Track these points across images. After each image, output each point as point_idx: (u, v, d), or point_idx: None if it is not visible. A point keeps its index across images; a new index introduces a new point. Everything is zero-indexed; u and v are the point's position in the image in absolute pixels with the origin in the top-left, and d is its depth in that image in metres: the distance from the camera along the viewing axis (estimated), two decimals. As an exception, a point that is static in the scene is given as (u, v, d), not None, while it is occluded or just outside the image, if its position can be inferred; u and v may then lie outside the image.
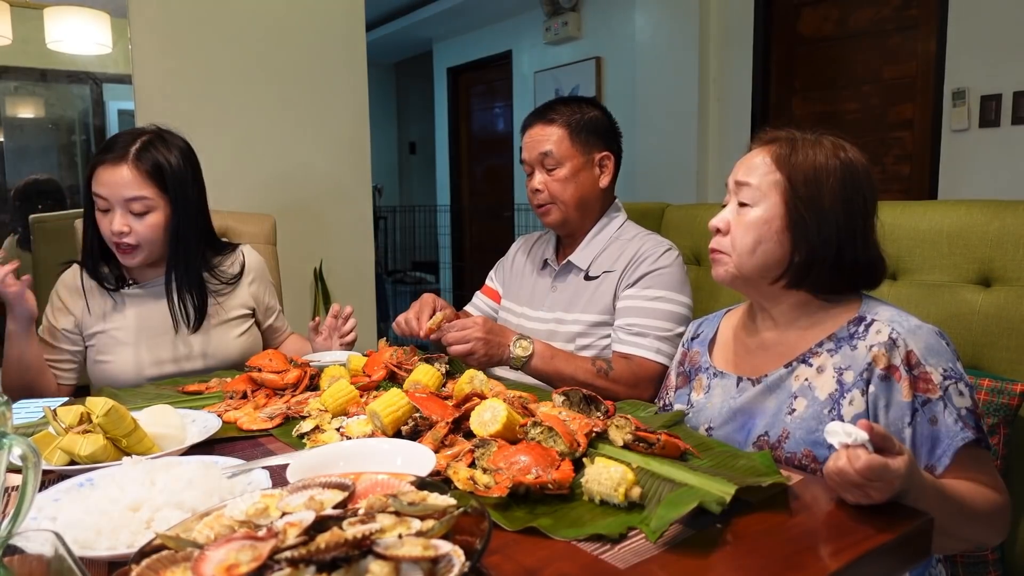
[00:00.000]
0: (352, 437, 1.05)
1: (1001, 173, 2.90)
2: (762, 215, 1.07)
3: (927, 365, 0.99)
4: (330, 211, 2.82)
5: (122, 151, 1.47)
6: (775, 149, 1.09)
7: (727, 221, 1.11)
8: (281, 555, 0.55)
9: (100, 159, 1.48)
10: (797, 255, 1.06)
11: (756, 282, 1.11)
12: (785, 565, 0.69)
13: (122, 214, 1.47)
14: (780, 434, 1.06)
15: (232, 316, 1.66)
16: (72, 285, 1.57)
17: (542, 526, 0.76)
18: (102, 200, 1.48)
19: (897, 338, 1.00)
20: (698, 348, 1.26)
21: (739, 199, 1.10)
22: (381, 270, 6.29)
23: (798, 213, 1.05)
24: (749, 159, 1.11)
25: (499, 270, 1.88)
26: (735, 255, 1.09)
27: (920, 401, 0.98)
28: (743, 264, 1.09)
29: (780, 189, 1.06)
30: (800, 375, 1.07)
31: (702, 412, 1.18)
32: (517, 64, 5.61)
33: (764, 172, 1.08)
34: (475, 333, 1.40)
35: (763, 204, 1.07)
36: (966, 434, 0.96)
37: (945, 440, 0.96)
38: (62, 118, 2.53)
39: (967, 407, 0.98)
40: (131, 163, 1.46)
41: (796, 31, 3.65)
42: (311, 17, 2.74)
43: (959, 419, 0.97)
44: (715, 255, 1.13)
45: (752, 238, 1.08)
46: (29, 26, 2.39)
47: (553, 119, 1.61)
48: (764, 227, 1.07)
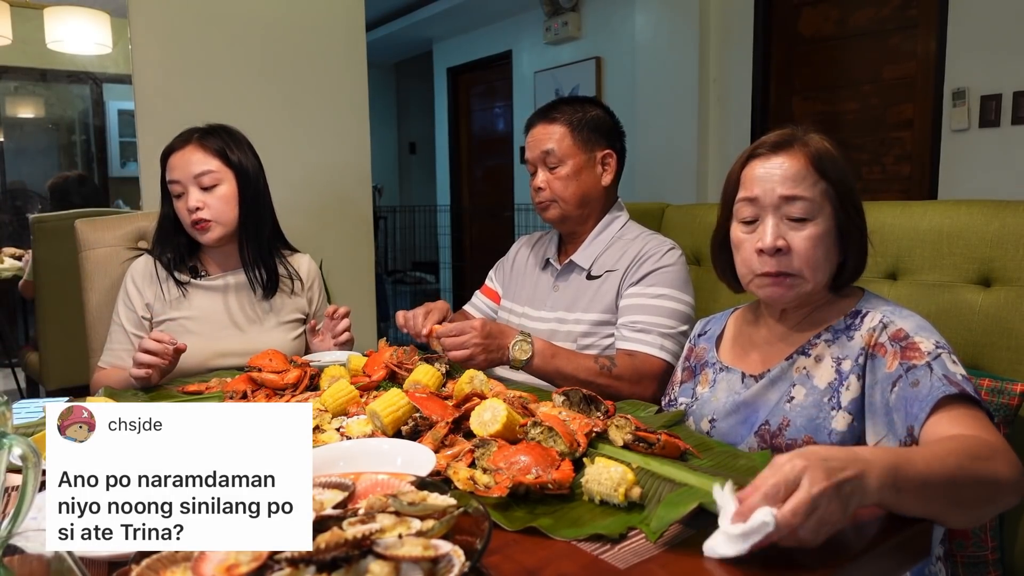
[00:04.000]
0: (352, 437, 1.05)
1: (1001, 173, 2.90)
2: (825, 227, 1.04)
3: (917, 336, 0.99)
4: (330, 211, 2.82)
5: (187, 136, 1.61)
6: (804, 154, 1.04)
7: (785, 240, 1.04)
8: (281, 555, 0.55)
9: (169, 148, 1.60)
10: (849, 259, 1.06)
11: (816, 293, 1.09)
12: (785, 565, 0.69)
13: (194, 191, 1.57)
14: (780, 422, 1.07)
15: (290, 319, 1.72)
16: (145, 271, 1.63)
17: (542, 526, 0.76)
18: (176, 185, 1.58)
19: (887, 321, 1.02)
20: (705, 344, 1.27)
21: (788, 214, 1.03)
22: (381, 270, 6.28)
23: (850, 220, 1.05)
24: (783, 171, 1.04)
25: (499, 270, 1.88)
26: (810, 273, 1.04)
27: (904, 368, 0.96)
28: (819, 281, 1.06)
29: (830, 198, 1.04)
30: (800, 365, 1.09)
31: (706, 405, 1.19)
32: (517, 64, 5.61)
33: (812, 182, 1.03)
34: (473, 339, 1.38)
35: (820, 216, 1.03)
36: (947, 388, 0.90)
37: (924, 398, 0.92)
38: (62, 118, 2.53)
39: (961, 373, 0.94)
40: (195, 143, 1.60)
41: (796, 31, 3.65)
42: (311, 17, 2.74)
43: (944, 379, 0.92)
44: (782, 279, 1.05)
45: (822, 254, 1.04)
46: (29, 26, 2.39)
47: (556, 118, 1.62)
48: (828, 239, 1.04)
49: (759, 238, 1.05)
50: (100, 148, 2.75)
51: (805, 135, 1.08)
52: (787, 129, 1.10)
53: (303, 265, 1.79)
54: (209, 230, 1.59)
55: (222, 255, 1.68)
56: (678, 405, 1.25)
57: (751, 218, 1.07)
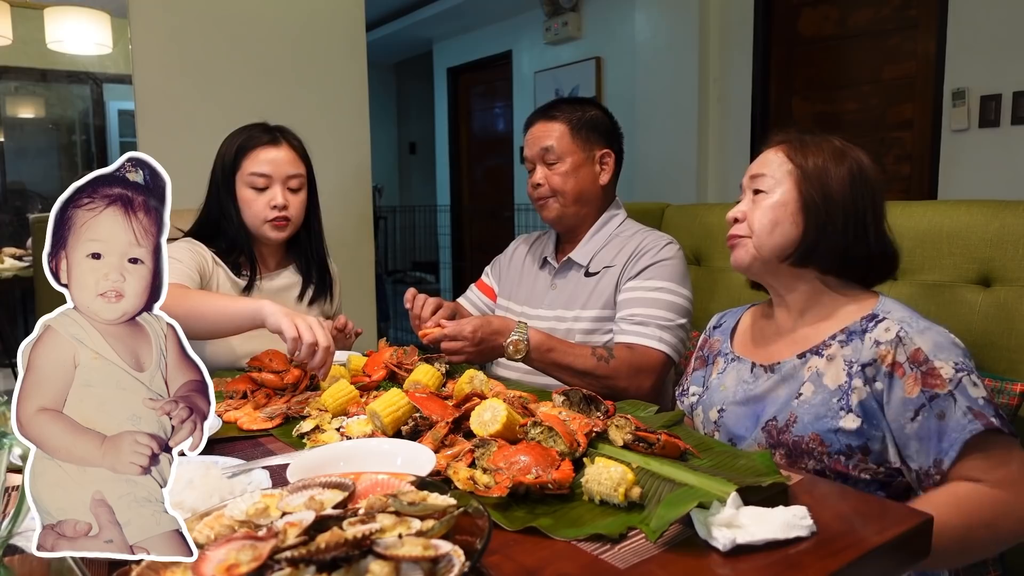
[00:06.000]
0: (352, 437, 1.05)
1: (1001, 173, 2.90)
2: (778, 199, 1.14)
3: (936, 360, 1.00)
4: (330, 211, 2.81)
5: (273, 135, 1.64)
6: (786, 147, 1.17)
7: (744, 211, 1.18)
8: (281, 555, 0.55)
9: (254, 142, 1.61)
10: (809, 234, 1.11)
11: (774, 265, 1.15)
12: (785, 565, 0.69)
13: (282, 190, 1.61)
14: (788, 418, 1.08)
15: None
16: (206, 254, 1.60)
17: (542, 526, 0.76)
18: (263, 178, 1.60)
19: (904, 336, 1.02)
20: (719, 336, 1.31)
21: (754, 188, 1.17)
22: (381, 270, 6.28)
23: (809, 196, 1.11)
24: (763, 157, 1.18)
25: (495, 266, 1.88)
26: (755, 237, 1.15)
27: (928, 396, 0.98)
28: (763, 245, 1.14)
29: (793, 177, 1.13)
30: (812, 365, 1.10)
31: (716, 393, 1.22)
32: (517, 64, 5.61)
33: (778, 164, 1.15)
34: (468, 348, 1.40)
35: (778, 190, 1.14)
36: (974, 426, 0.95)
37: (952, 433, 0.96)
38: (62, 118, 2.53)
39: (983, 396, 0.98)
40: (287, 145, 1.64)
41: (796, 31, 3.65)
42: (311, 17, 2.74)
43: (970, 411, 0.96)
44: (734, 240, 1.19)
45: (769, 219, 1.13)
46: (29, 26, 2.39)
47: (555, 116, 1.64)
48: (780, 209, 1.13)
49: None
50: (100, 148, 2.75)
51: (822, 136, 1.16)
52: (796, 131, 1.18)
53: (332, 271, 1.83)
54: (285, 229, 1.63)
55: (273, 257, 1.72)
56: (690, 394, 1.29)
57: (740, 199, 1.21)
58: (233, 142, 1.64)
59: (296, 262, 1.75)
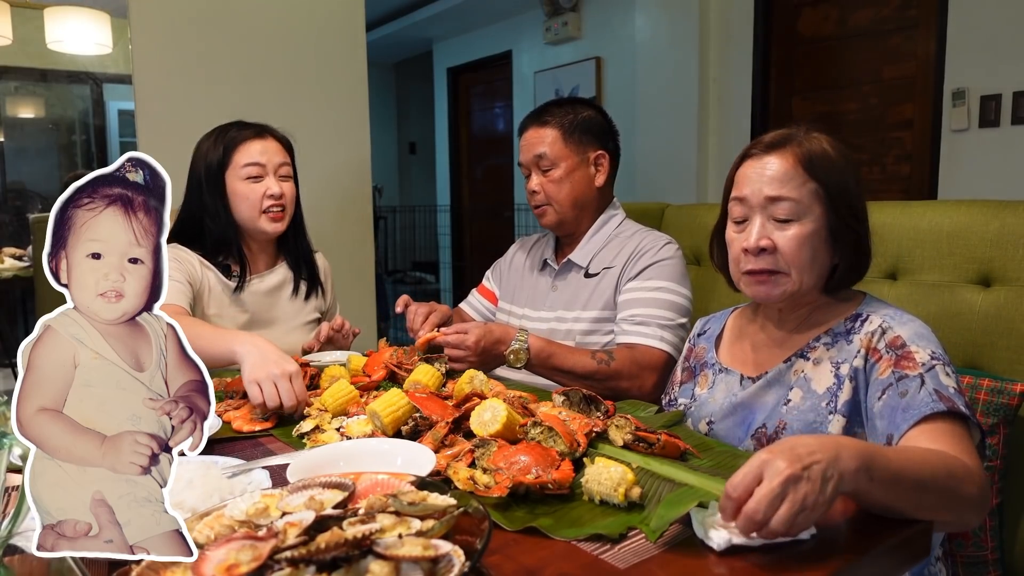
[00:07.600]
0: (352, 437, 1.05)
1: (1001, 173, 2.90)
2: (812, 228, 1.03)
3: (913, 345, 0.98)
4: (330, 211, 2.81)
5: (257, 128, 1.65)
6: (794, 154, 1.04)
7: (770, 240, 1.04)
8: (281, 555, 0.55)
9: (242, 136, 1.62)
10: (842, 261, 1.06)
11: (807, 293, 1.08)
12: (785, 565, 0.69)
13: (276, 180, 1.62)
14: (777, 425, 1.07)
15: (311, 319, 1.76)
16: (192, 259, 1.59)
17: (542, 526, 0.76)
18: (257, 167, 1.60)
19: (886, 326, 1.02)
20: (704, 344, 1.27)
21: (775, 215, 1.04)
22: (381, 270, 6.29)
23: (842, 221, 1.04)
24: (771, 171, 1.04)
25: (496, 270, 1.89)
26: (796, 272, 1.04)
27: (896, 376, 0.96)
28: (806, 281, 1.05)
29: (820, 198, 1.03)
30: (798, 369, 1.09)
31: (704, 406, 1.19)
32: (517, 64, 5.61)
33: (800, 183, 1.03)
34: (471, 358, 1.41)
35: (808, 217, 1.03)
36: (937, 405, 0.90)
37: (912, 409, 0.92)
38: (62, 118, 2.53)
39: (954, 387, 0.94)
40: (272, 136, 1.66)
41: (796, 31, 3.65)
42: (311, 17, 2.74)
43: (936, 393, 0.92)
44: (767, 276, 1.05)
45: (808, 254, 1.03)
46: (29, 26, 2.39)
47: (547, 121, 1.63)
48: (816, 239, 1.03)
49: (746, 238, 1.06)
50: (100, 148, 2.75)
51: (806, 135, 1.08)
52: (788, 128, 1.10)
53: (320, 264, 1.82)
54: (281, 220, 1.63)
55: (262, 253, 1.71)
56: (678, 405, 1.25)
57: (741, 218, 1.08)
58: (216, 140, 1.63)
59: (286, 258, 1.74)
